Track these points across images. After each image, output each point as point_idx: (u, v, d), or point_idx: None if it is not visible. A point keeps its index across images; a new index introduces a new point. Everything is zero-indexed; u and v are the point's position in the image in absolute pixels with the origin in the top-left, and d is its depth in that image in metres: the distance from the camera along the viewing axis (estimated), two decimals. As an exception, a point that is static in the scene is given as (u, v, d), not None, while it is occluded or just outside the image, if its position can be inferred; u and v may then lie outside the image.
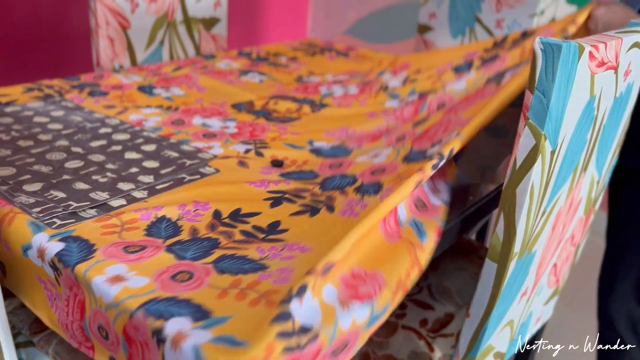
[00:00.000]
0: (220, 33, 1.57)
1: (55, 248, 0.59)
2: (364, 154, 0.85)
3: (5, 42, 1.54)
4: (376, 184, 0.73)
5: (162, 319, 0.49)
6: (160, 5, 1.40)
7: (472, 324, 0.74)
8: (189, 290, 0.53)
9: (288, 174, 0.81)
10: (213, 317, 0.49)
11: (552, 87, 0.56)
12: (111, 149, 0.85)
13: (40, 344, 0.77)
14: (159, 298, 0.52)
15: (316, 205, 0.71)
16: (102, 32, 1.29)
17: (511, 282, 0.70)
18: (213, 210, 0.69)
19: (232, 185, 0.75)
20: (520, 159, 0.61)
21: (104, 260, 0.57)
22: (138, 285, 0.54)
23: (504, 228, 0.65)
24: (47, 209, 0.67)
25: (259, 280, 0.55)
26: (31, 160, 0.79)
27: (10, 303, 0.83)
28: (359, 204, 0.69)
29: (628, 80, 0.72)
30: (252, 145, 0.91)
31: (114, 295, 0.52)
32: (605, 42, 0.60)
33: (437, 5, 1.60)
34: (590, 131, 0.69)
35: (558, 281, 0.94)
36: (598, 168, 0.81)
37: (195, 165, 0.82)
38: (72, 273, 0.56)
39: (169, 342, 0.47)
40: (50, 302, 0.59)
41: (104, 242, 0.60)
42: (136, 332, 0.50)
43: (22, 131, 0.89)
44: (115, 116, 0.99)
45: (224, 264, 0.57)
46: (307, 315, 0.48)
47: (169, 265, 0.57)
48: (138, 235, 0.62)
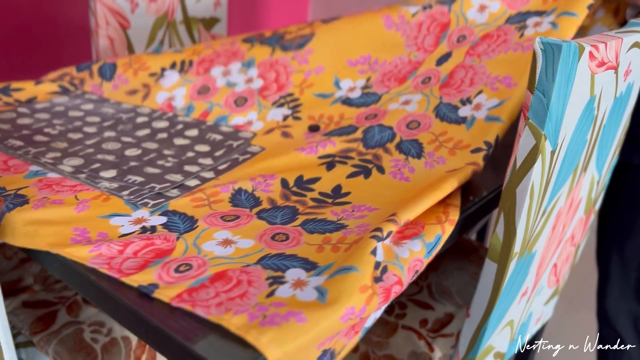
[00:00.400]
0: (220, 33, 1.57)
1: (159, 220, 0.64)
2: (393, 101, 0.88)
3: (5, 41, 1.54)
4: (415, 142, 0.79)
5: (280, 271, 0.54)
6: (160, 5, 1.40)
7: (472, 324, 0.74)
8: (290, 248, 0.59)
9: (330, 132, 0.85)
10: (320, 266, 0.55)
11: (552, 87, 0.56)
12: (158, 136, 0.87)
13: (40, 344, 0.77)
14: (269, 254, 0.57)
15: (367, 165, 0.76)
16: (102, 32, 1.29)
17: (511, 282, 0.70)
18: (280, 179, 0.74)
19: (285, 156, 0.79)
20: (520, 159, 0.61)
21: (208, 228, 0.62)
22: (247, 246, 0.59)
23: (504, 228, 0.65)
24: (135, 192, 0.70)
25: (344, 235, 0.61)
26: (91, 150, 0.81)
27: (10, 303, 0.83)
28: (406, 167, 0.76)
29: (628, 80, 0.72)
30: (287, 108, 0.92)
31: (229, 254, 0.58)
32: (606, 42, 0.61)
33: (437, 5, 1.60)
34: (591, 131, 0.69)
35: (558, 281, 0.94)
36: (598, 168, 0.81)
37: (242, 145, 0.85)
38: (177, 239, 0.60)
39: (289, 284, 0.52)
40: (92, 245, 0.59)
41: (200, 213, 0.65)
42: (246, 275, 0.54)
43: (65, 125, 0.90)
44: (142, 104, 0.99)
45: (310, 226, 0.63)
46: (379, 253, 0.55)
47: (264, 229, 0.62)
48: (225, 206, 0.68)
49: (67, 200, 0.66)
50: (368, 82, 0.94)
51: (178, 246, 0.59)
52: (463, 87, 0.84)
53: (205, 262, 0.56)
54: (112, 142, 0.85)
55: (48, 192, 0.68)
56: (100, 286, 0.55)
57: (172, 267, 0.55)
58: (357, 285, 0.50)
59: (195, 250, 0.58)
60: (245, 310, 0.48)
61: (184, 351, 0.47)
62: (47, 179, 0.71)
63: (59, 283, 0.88)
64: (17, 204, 0.65)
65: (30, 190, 0.68)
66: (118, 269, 0.55)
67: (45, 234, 0.60)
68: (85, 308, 0.82)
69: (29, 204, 0.65)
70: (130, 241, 0.59)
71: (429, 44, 0.95)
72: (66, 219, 0.63)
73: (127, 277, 0.54)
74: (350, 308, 0.49)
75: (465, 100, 0.82)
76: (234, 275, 0.53)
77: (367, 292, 0.51)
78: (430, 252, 0.61)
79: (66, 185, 0.70)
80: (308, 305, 0.48)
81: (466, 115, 0.80)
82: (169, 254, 0.57)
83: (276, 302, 0.49)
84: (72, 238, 0.59)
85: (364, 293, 0.50)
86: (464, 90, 0.84)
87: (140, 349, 0.77)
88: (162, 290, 0.52)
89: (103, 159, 0.79)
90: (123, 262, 0.56)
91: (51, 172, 0.73)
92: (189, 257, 0.57)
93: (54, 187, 0.69)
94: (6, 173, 0.72)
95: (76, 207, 0.65)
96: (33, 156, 0.78)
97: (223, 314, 0.48)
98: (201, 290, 0.51)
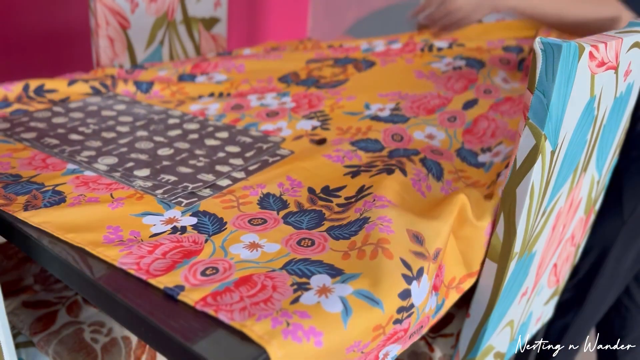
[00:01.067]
0: (220, 33, 1.57)
1: (190, 221, 0.65)
2: (419, 128, 0.91)
3: (5, 41, 1.54)
4: (437, 165, 0.81)
5: (305, 277, 0.54)
6: (160, 5, 1.40)
7: (472, 324, 0.74)
8: (316, 254, 0.59)
9: (357, 142, 0.86)
10: (346, 274, 0.55)
11: (552, 87, 0.56)
12: (189, 137, 0.88)
13: (40, 344, 0.77)
14: (295, 259, 0.57)
15: (390, 167, 0.77)
16: (102, 32, 1.29)
17: (511, 282, 0.70)
18: (307, 187, 0.74)
19: (312, 161, 0.80)
20: (521, 159, 0.61)
21: (236, 231, 0.63)
22: (273, 250, 0.59)
23: (504, 228, 0.65)
24: (168, 191, 0.71)
25: (367, 232, 0.60)
26: (124, 149, 0.82)
27: (11, 303, 0.83)
28: (425, 182, 0.76)
29: (628, 80, 0.72)
30: (316, 120, 0.95)
31: (255, 258, 0.58)
32: (606, 42, 0.61)
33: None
34: (591, 131, 0.69)
35: (558, 281, 0.94)
36: (598, 168, 0.81)
37: (271, 148, 0.86)
38: (206, 242, 0.61)
39: (314, 290, 0.52)
40: (123, 245, 0.60)
41: (229, 215, 0.66)
42: (271, 280, 0.54)
43: (98, 124, 0.92)
44: (175, 108, 1.01)
45: (335, 232, 0.63)
46: (419, 295, 0.55)
47: (291, 233, 0.63)
48: (254, 208, 0.68)
49: (102, 198, 0.68)
50: (397, 105, 0.97)
51: (206, 248, 0.59)
52: (485, 138, 0.89)
53: (232, 266, 0.56)
54: (145, 141, 0.86)
55: (84, 189, 0.70)
56: (100, 286, 0.54)
57: (199, 269, 0.55)
58: (374, 324, 0.51)
59: (222, 252, 0.59)
60: (269, 315, 0.48)
61: (184, 351, 0.47)
62: (84, 177, 0.73)
63: (59, 283, 0.88)
64: (54, 202, 0.66)
65: (68, 187, 0.70)
66: (146, 270, 0.55)
67: (80, 231, 0.61)
68: (85, 308, 0.82)
69: (66, 202, 0.66)
70: (160, 243, 0.59)
71: (458, 87, 1.01)
72: (100, 216, 0.64)
73: (154, 278, 0.54)
74: (358, 342, 0.50)
75: (485, 149, 0.87)
76: (259, 280, 0.54)
77: (377, 332, 0.52)
78: (436, 313, 0.62)
79: (102, 183, 0.72)
80: (330, 324, 0.48)
81: (485, 162, 0.84)
82: (196, 255, 0.58)
83: (300, 310, 0.49)
84: (105, 236, 0.60)
85: (374, 332, 0.51)
86: (485, 141, 0.88)
87: (140, 349, 0.77)
88: (187, 293, 0.52)
89: (136, 157, 0.80)
90: (152, 263, 0.56)
91: (87, 170, 0.75)
92: (215, 260, 0.57)
93: (90, 184, 0.71)
94: (45, 170, 0.74)
95: (110, 205, 0.66)
96: (69, 154, 0.79)
97: (246, 319, 0.48)
98: (225, 295, 0.51)
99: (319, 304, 0.50)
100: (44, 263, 0.62)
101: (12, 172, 0.73)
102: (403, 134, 0.89)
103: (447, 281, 0.64)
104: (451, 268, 0.65)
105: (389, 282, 0.53)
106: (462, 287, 0.66)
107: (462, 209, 0.66)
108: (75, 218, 0.63)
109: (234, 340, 0.48)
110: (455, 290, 0.65)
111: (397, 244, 0.58)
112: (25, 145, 0.82)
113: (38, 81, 1.02)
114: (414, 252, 0.58)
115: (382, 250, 0.57)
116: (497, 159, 0.83)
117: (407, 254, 0.57)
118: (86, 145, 0.83)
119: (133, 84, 1.09)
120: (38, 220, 0.62)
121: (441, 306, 0.63)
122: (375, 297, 0.52)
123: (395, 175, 0.74)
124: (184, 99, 1.07)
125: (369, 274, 0.54)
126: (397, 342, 0.56)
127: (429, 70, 1.07)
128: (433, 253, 0.59)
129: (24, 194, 0.67)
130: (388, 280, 0.53)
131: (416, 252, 0.58)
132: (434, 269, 0.59)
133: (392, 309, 0.53)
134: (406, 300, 0.54)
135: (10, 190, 0.68)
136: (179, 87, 1.11)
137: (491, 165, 0.82)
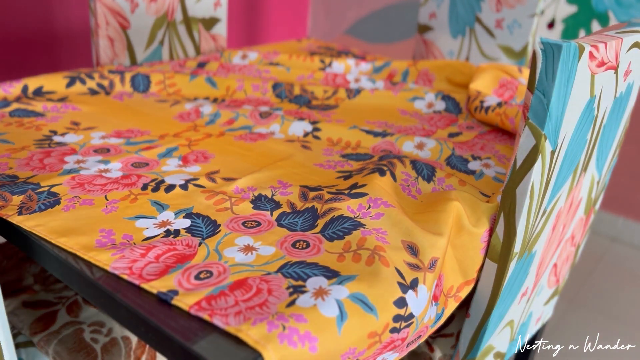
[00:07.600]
0: (220, 33, 1.57)
1: (184, 224, 0.65)
2: (408, 139, 0.92)
3: (5, 41, 1.54)
4: (429, 166, 0.81)
5: (301, 280, 0.54)
6: (160, 5, 1.40)
7: (472, 324, 0.74)
8: (311, 256, 0.59)
9: (348, 155, 0.88)
10: (342, 275, 0.55)
11: (552, 87, 0.56)
12: None
13: (40, 344, 0.77)
14: (290, 262, 0.57)
15: (382, 168, 0.77)
16: (102, 32, 1.29)
17: (511, 282, 0.70)
18: (298, 187, 0.75)
19: (304, 167, 0.81)
20: (520, 159, 0.61)
21: (230, 234, 0.63)
22: (268, 253, 0.59)
23: (504, 228, 0.65)
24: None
25: (363, 236, 0.61)
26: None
27: (10, 303, 0.83)
28: (415, 187, 0.77)
29: (628, 80, 0.72)
30: (307, 122, 0.97)
31: (250, 261, 0.58)
32: (606, 42, 0.60)
33: (437, 5, 1.60)
34: (590, 131, 0.69)
35: (558, 281, 0.94)
36: (598, 168, 0.81)
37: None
38: (200, 245, 0.61)
39: (310, 293, 0.52)
40: (115, 249, 0.60)
41: (223, 218, 0.66)
42: (266, 283, 0.54)
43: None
44: (170, 109, 1.03)
45: (329, 232, 0.63)
46: (418, 305, 0.56)
47: (285, 236, 0.63)
48: (247, 209, 0.69)
49: (96, 200, 0.68)
50: (385, 131, 0.99)
51: (199, 252, 0.59)
52: (475, 149, 0.91)
53: (226, 269, 0.56)
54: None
55: (80, 191, 0.70)
56: (100, 286, 0.54)
57: (193, 273, 0.55)
58: (368, 330, 0.51)
59: (216, 256, 0.58)
60: (265, 318, 0.48)
61: (184, 351, 0.47)
62: (80, 177, 0.73)
63: (59, 283, 0.88)
64: (48, 204, 0.66)
65: (63, 188, 0.70)
66: (139, 275, 0.55)
67: (72, 235, 0.61)
68: (85, 308, 0.82)
69: (60, 204, 0.67)
70: (153, 245, 0.59)
71: (442, 124, 1.05)
72: (94, 220, 0.64)
73: (147, 283, 0.54)
74: (353, 349, 0.50)
75: (475, 156, 0.88)
76: (254, 283, 0.53)
77: (373, 339, 0.52)
78: (435, 323, 0.62)
79: (97, 184, 0.72)
80: (325, 330, 0.49)
81: (475, 169, 0.84)
82: (190, 259, 0.58)
83: (297, 313, 0.49)
84: (97, 239, 0.60)
85: (370, 339, 0.52)
86: (475, 151, 0.90)
87: (140, 349, 0.77)
88: (181, 298, 0.52)
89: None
90: (145, 267, 0.56)
91: (83, 170, 0.76)
92: (209, 264, 0.57)
93: (85, 185, 0.71)
94: (42, 171, 0.75)
95: (104, 209, 0.66)
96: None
97: (241, 324, 0.48)
98: (220, 299, 0.51)
99: (315, 306, 0.50)
100: (44, 263, 0.62)
101: (10, 172, 0.74)
102: (392, 148, 0.90)
103: (445, 290, 0.64)
104: (449, 277, 0.65)
105: (384, 288, 0.54)
106: (460, 296, 0.66)
107: (457, 217, 0.66)
108: (69, 222, 0.63)
109: (234, 340, 0.48)
110: (454, 299, 0.65)
111: (392, 254, 0.58)
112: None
113: (37, 82, 1.03)
114: (408, 263, 0.58)
115: (378, 257, 0.57)
116: (488, 171, 0.84)
117: (402, 265, 0.57)
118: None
119: (130, 85, 1.10)
120: (31, 224, 0.62)
121: (440, 315, 0.63)
122: (370, 303, 0.52)
123: (387, 177, 0.75)
124: (180, 99, 1.09)
125: (365, 277, 0.54)
126: (394, 350, 0.56)
127: (412, 110, 1.12)
128: (428, 263, 0.59)
129: (19, 194, 0.68)
130: (383, 286, 0.54)
131: (410, 263, 0.58)
132: (433, 279, 0.59)
133: (388, 316, 0.53)
134: (403, 309, 0.54)
135: (6, 189, 0.69)
136: (175, 89, 1.12)
137: (482, 175, 0.82)
